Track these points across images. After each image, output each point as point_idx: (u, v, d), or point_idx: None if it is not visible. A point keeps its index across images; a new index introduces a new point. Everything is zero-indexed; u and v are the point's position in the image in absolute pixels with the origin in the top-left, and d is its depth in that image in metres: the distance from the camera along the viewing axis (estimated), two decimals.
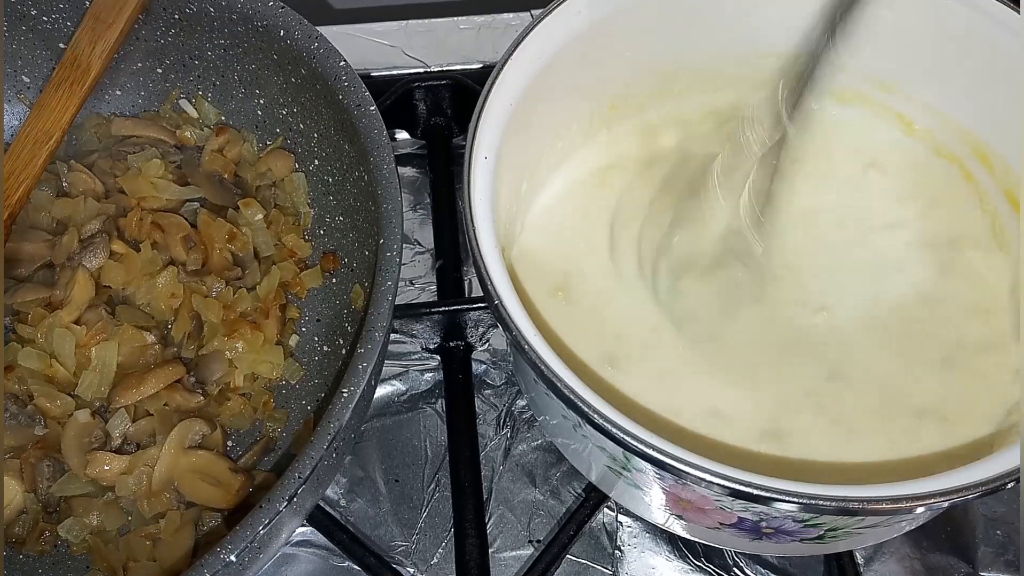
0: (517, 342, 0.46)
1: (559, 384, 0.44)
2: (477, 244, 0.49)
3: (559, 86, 0.58)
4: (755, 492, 0.41)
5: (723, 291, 0.58)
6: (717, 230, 0.59)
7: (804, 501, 0.41)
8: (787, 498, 0.41)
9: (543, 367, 0.45)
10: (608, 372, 0.54)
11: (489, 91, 0.53)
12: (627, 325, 0.57)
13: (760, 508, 0.46)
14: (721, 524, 0.50)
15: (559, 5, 0.56)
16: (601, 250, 0.59)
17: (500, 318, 0.47)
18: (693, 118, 0.64)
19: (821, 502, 0.41)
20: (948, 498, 0.41)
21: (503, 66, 0.54)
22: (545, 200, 0.61)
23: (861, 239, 0.60)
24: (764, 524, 0.48)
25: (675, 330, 0.56)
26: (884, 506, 0.41)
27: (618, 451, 0.47)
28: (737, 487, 0.41)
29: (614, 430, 0.43)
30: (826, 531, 0.48)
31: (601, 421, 0.43)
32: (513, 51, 0.55)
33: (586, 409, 0.44)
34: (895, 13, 0.59)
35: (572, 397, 0.44)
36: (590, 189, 0.62)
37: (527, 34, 0.55)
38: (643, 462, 0.43)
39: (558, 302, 0.57)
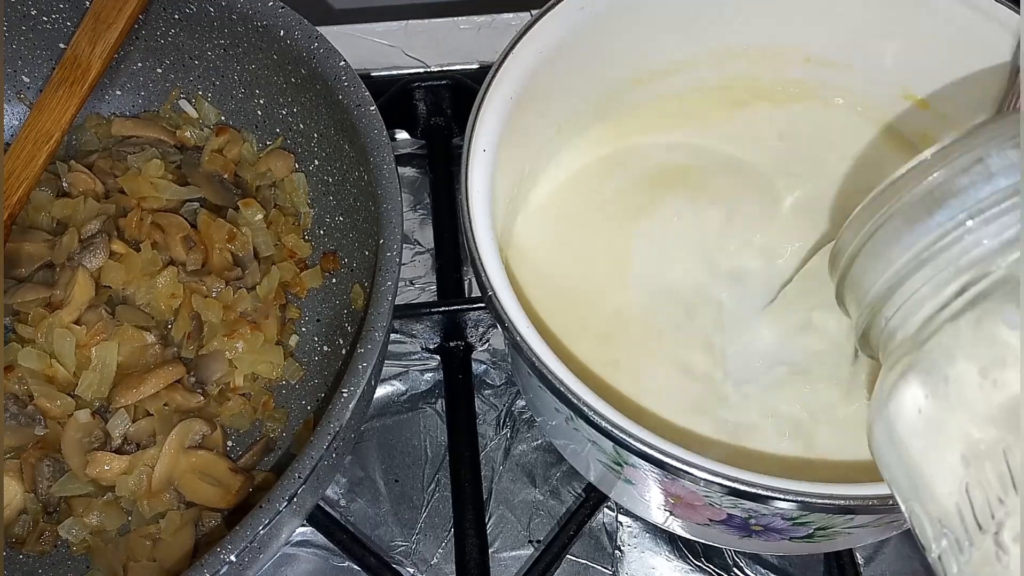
0: (509, 332, 0.46)
1: (549, 375, 0.44)
2: (473, 236, 0.49)
3: (560, 80, 0.58)
4: (735, 485, 0.41)
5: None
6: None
7: (789, 498, 0.41)
8: (769, 493, 0.41)
9: (534, 358, 0.45)
10: (607, 371, 0.54)
11: (489, 84, 0.53)
12: (626, 324, 0.57)
13: (749, 505, 0.46)
14: (711, 520, 0.50)
15: (561, 0, 0.56)
16: (599, 246, 0.59)
17: (493, 308, 0.47)
18: (694, 113, 0.64)
19: (806, 499, 0.41)
20: None
21: (504, 60, 0.54)
22: (543, 196, 0.61)
23: None
24: (753, 521, 0.48)
25: (676, 329, 0.57)
26: (873, 504, 0.41)
27: (610, 446, 0.47)
28: (722, 481, 0.41)
29: (603, 423, 0.43)
30: (815, 530, 0.48)
31: (590, 413, 0.43)
32: (514, 45, 0.55)
33: (575, 401, 0.43)
34: (894, 12, 0.59)
35: (562, 389, 0.44)
36: (589, 184, 0.62)
37: (528, 29, 0.55)
38: (635, 457, 0.43)
39: (556, 300, 0.57)
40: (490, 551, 0.61)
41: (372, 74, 0.77)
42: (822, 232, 0.60)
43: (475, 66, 0.78)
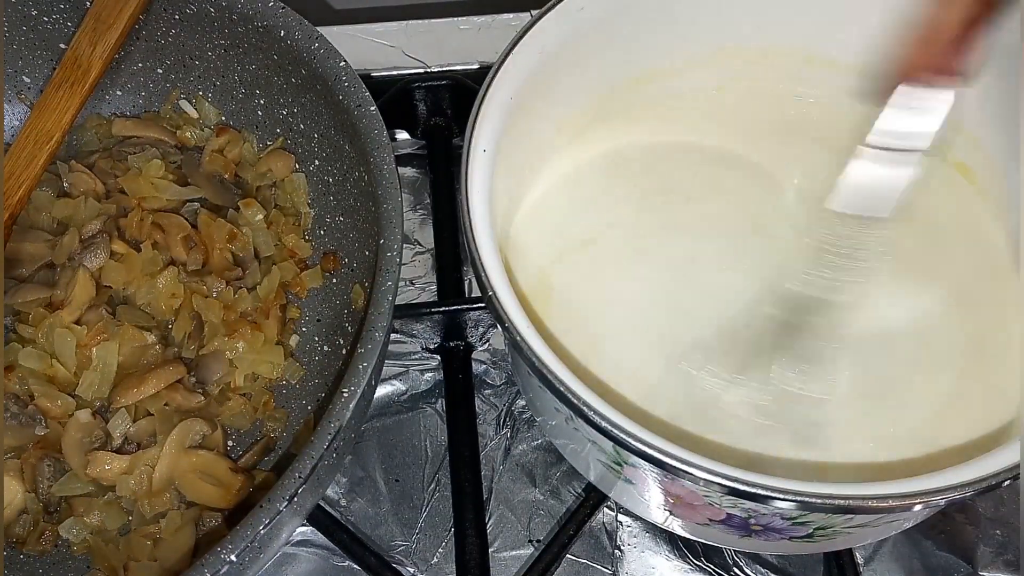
0: (509, 332, 0.46)
1: (548, 375, 0.44)
2: (473, 236, 0.49)
3: (559, 80, 0.58)
4: (735, 485, 0.41)
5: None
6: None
7: (789, 498, 0.41)
8: (768, 493, 0.41)
9: (534, 358, 0.45)
10: (608, 371, 0.54)
11: (490, 84, 0.54)
12: (626, 323, 0.57)
13: (748, 505, 0.46)
14: (711, 520, 0.50)
15: (561, 1, 0.56)
16: (599, 245, 0.59)
17: (493, 308, 0.47)
18: (694, 112, 0.64)
19: (805, 499, 0.41)
20: (936, 497, 0.41)
21: (504, 60, 0.54)
22: (543, 195, 0.61)
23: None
24: (753, 521, 0.48)
25: (677, 328, 0.57)
26: (872, 504, 0.41)
27: (610, 446, 0.47)
28: (722, 481, 0.42)
29: (603, 423, 0.43)
30: (815, 529, 0.48)
31: (590, 413, 0.43)
32: (514, 45, 0.55)
33: (575, 401, 0.44)
34: (894, 12, 0.59)
35: (562, 388, 0.44)
36: (589, 183, 0.62)
37: (529, 29, 0.55)
38: (635, 458, 0.43)
39: (556, 299, 0.57)
40: (490, 551, 0.61)
41: (372, 74, 0.77)
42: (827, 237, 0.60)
43: (475, 66, 0.78)
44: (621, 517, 0.63)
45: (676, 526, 0.55)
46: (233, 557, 0.43)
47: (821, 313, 0.56)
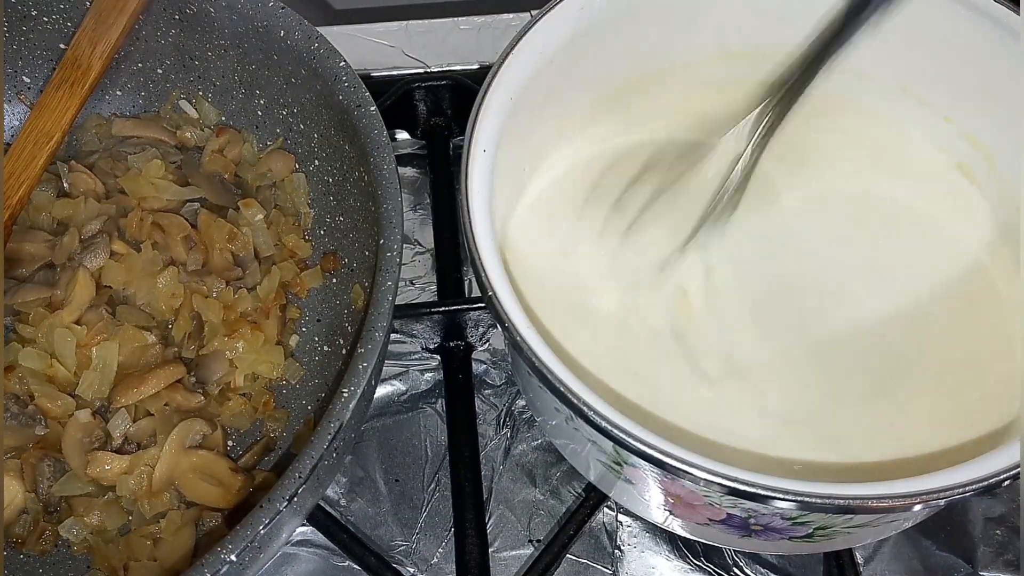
0: (508, 332, 0.46)
1: (548, 375, 0.44)
2: (473, 236, 0.49)
3: (559, 81, 0.58)
4: (735, 485, 0.41)
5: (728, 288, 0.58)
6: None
7: (789, 498, 0.41)
8: (768, 493, 0.41)
9: (534, 358, 0.45)
10: (607, 371, 0.54)
11: (490, 85, 0.54)
12: (624, 322, 0.57)
13: (748, 504, 0.46)
14: (711, 520, 0.50)
15: (561, 1, 0.56)
16: (599, 245, 0.59)
17: (493, 308, 0.47)
18: (694, 113, 0.64)
19: (805, 499, 0.41)
20: (936, 497, 0.41)
21: (504, 60, 0.54)
22: (543, 195, 0.61)
23: (871, 237, 0.60)
24: (753, 521, 0.48)
25: (675, 326, 0.57)
26: (872, 504, 0.41)
27: (610, 446, 0.47)
28: (722, 481, 0.42)
29: (603, 423, 0.43)
30: (815, 529, 0.48)
31: (590, 413, 0.43)
32: (514, 46, 0.55)
33: (575, 401, 0.44)
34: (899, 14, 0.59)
35: (562, 388, 0.44)
36: (589, 184, 0.62)
37: (528, 29, 0.55)
38: (635, 457, 0.43)
39: (556, 299, 0.57)
40: (490, 551, 0.61)
41: (372, 74, 0.78)
42: (825, 234, 0.60)
43: (475, 66, 0.78)
44: (621, 517, 0.63)
45: (676, 526, 0.55)
46: (233, 557, 0.43)
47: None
